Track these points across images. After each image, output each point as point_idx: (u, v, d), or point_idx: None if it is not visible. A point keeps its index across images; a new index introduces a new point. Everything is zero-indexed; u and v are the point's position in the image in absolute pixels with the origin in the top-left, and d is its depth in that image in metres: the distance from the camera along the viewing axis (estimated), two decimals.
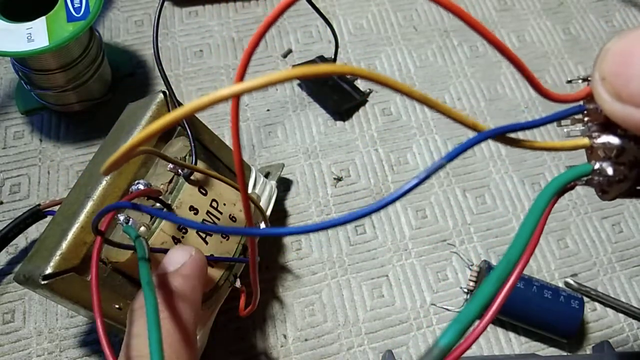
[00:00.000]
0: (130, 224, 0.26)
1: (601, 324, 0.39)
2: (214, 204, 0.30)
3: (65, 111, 0.44)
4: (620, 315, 0.40)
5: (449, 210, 0.43)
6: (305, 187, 0.43)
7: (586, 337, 0.39)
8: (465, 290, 0.40)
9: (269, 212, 0.36)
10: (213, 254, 0.30)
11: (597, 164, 0.18)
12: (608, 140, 0.18)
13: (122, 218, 0.26)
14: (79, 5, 0.38)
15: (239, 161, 0.17)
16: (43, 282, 0.26)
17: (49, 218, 0.35)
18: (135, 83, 0.47)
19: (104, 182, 0.28)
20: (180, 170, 0.29)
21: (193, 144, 0.30)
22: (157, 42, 0.34)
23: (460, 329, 0.13)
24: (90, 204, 0.28)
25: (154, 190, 0.28)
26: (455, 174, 0.45)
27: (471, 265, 0.40)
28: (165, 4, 0.51)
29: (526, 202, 0.44)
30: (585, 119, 0.19)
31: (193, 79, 0.48)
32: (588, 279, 0.41)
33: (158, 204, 0.28)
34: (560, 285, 0.40)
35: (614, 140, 0.18)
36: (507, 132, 0.17)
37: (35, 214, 0.36)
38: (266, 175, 0.40)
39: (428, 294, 0.40)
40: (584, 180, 0.19)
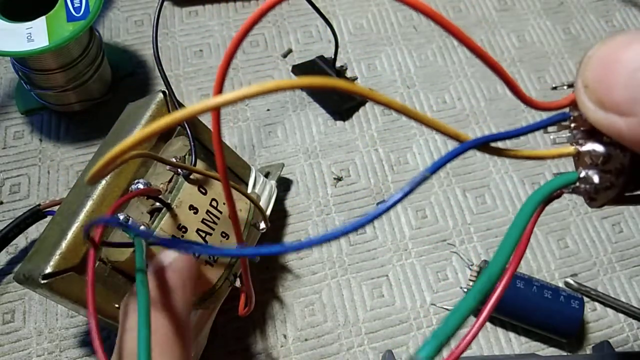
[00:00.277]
0: (129, 223, 0.26)
1: (601, 324, 0.39)
2: (214, 203, 0.30)
3: (65, 111, 0.44)
4: (620, 315, 0.40)
5: (449, 210, 0.43)
6: (305, 187, 0.43)
7: (586, 337, 0.39)
8: (465, 290, 0.40)
9: (268, 212, 0.36)
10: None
11: (583, 172, 0.18)
12: (594, 147, 0.18)
13: (122, 217, 0.26)
14: (79, 5, 0.38)
15: (223, 174, 0.17)
16: (43, 282, 0.26)
17: (49, 218, 0.35)
18: (135, 83, 0.47)
19: (104, 182, 0.28)
20: (180, 170, 0.29)
21: (193, 143, 0.30)
22: (157, 42, 0.34)
23: (438, 344, 0.13)
24: (90, 204, 0.28)
25: (153, 189, 0.28)
26: (455, 173, 0.45)
27: (471, 265, 0.40)
28: (165, 3, 0.51)
29: None
30: (571, 126, 0.19)
31: (193, 79, 0.48)
32: (588, 279, 0.41)
33: (158, 203, 0.28)
34: (560, 285, 0.40)
35: (599, 147, 0.18)
36: (490, 142, 0.17)
37: (35, 214, 0.36)
38: (266, 175, 0.40)
39: (428, 294, 0.40)
40: (570, 188, 0.19)
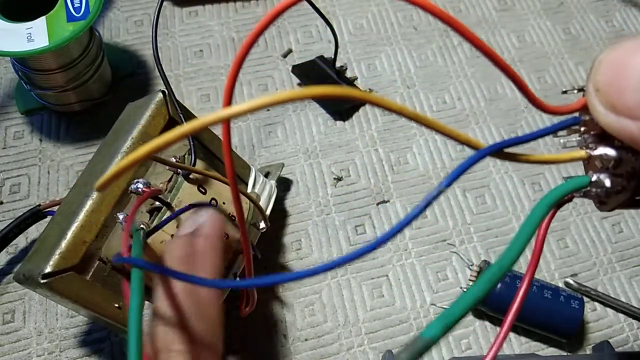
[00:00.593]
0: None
1: (601, 324, 0.39)
2: (214, 203, 0.30)
3: (65, 111, 0.44)
4: (620, 315, 0.40)
5: (449, 210, 0.43)
6: (305, 187, 0.43)
7: (586, 337, 0.39)
8: (465, 290, 0.40)
9: (268, 212, 0.36)
10: None
11: (595, 176, 0.18)
12: (605, 151, 0.18)
13: (122, 217, 0.26)
14: (79, 5, 0.38)
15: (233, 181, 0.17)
16: (42, 281, 0.26)
17: (49, 218, 0.35)
18: (135, 83, 0.47)
19: None
20: (179, 169, 0.29)
21: (192, 143, 0.30)
22: (157, 42, 0.34)
23: (444, 325, 0.13)
24: (89, 204, 0.28)
25: (154, 190, 0.28)
26: None
27: (471, 265, 0.40)
28: (165, 3, 0.51)
29: (526, 202, 0.44)
30: (582, 129, 0.19)
31: (193, 79, 0.48)
32: (588, 279, 0.41)
33: (157, 202, 0.28)
34: (560, 285, 0.40)
35: (610, 151, 0.18)
36: (504, 148, 0.17)
37: (35, 214, 0.36)
38: (266, 175, 0.40)
39: (428, 294, 0.39)
40: (581, 192, 0.19)
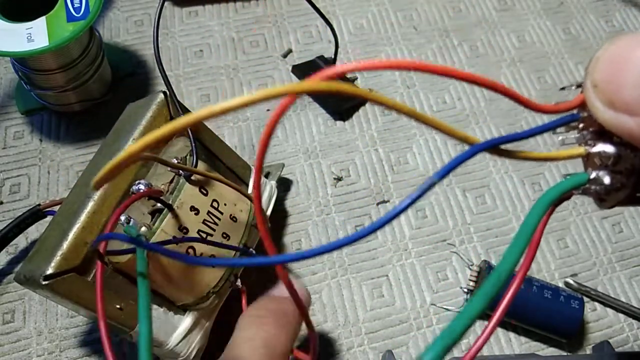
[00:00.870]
0: (131, 224, 0.26)
1: (601, 324, 0.39)
2: (215, 204, 0.30)
3: (65, 111, 0.44)
4: (620, 315, 0.40)
5: (449, 210, 0.43)
6: (305, 187, 0.43)
7: (586, 337, 0.39)
8: (465, 290, 0.40)
9: (269, 212, 0.36)
10: (214, 255, 0.30)
11: (594, 173, 0.18)
12: (604, 148, 0.17)
13: (124, 218, 0.26)
14: (79, 5, 0.38)
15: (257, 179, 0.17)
16: (44, 283, 0.26)
17: (49, 218, 0.35)
18: (135, 83, 0.47)
19: None
20: (181, 170, 0.29)
21: (194, 144, 0.30)
22: (157, 42, 0.34)
23: (444, 346, 0.13)
24: (90, 204, 0.28)
25: (154, 190, 0.28)
26: (455, 173, 0.45)
27: (471, 265, 0.40)
28: (165, 4, 0.51)
29: (526, 202, 0.44)
30: (580, 126, 0.18)
31: (193, 79, 0.48)
32: (588, 279, 0.41)
33: (159, 204, 0.28)
34: (560, 285, 0.40)
35: (609, 148, 0.17)
36: (501, 144, 0.17)
37: (35, 214, 0.36)
38: (266, 175, 0.40)
39: (428, 294, 0.40)
40: (580, 190, 0.18)
